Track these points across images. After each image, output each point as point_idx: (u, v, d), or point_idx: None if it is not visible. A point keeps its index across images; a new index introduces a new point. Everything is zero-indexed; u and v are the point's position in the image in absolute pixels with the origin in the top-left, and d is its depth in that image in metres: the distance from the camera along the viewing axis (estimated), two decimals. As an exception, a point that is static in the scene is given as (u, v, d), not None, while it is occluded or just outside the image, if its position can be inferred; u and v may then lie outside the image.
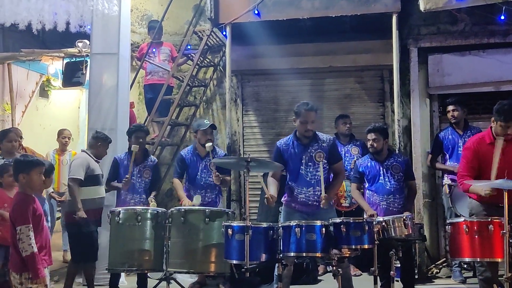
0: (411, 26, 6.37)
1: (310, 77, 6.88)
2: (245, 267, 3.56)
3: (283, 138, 4.49)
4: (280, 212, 4.62)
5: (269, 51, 6.62)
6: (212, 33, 6.52)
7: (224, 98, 6.72)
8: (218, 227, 4.15)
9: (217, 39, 6.77)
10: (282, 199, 4.44)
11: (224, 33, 6.30)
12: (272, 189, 4.24)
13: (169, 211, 4.51)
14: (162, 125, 6.60)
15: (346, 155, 5.87)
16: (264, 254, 3.69)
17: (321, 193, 4.16)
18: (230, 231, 3.72)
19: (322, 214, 4.13)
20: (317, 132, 4.36)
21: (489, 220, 3.65)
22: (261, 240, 3.68)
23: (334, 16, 5.89)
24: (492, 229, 3.59)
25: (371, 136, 4.93)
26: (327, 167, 4.33)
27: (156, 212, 4.49)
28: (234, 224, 3.78)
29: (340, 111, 6.44)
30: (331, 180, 4.41)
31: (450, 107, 5.64)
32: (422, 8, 5.58)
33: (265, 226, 3.77)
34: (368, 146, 5.00)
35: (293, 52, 6.54)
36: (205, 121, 5.28)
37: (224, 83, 6.60)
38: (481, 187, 3.90)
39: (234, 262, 3.82)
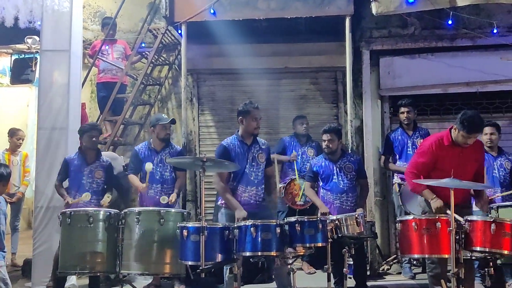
0: (363, 29, 6.51)
1: (266, 78, 6.92)
2: (201, 267, 3.56)
3: (227, 138, 4.60)
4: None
5: (226, 50, 6.61)
6: (167, 31, 6.46)
7: (179, 97, 6.66)
8: (173, 228, 4.10)
9: (172, 38, 6.70)
10: (219, 202, 4.50)
11: (179, 31, 6.25)
12: (233, 200, 4.33)
13: (122, 212, 4.42)
14: (115, 124, 6.47)
15: (303, 156, 5.96)
16: (219, 255, 3.72)
17: (260, 192, 4.44)
18: (185, 232, 3.71)
19: (262, 213, 4.28)
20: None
21: (437, 217, 3.78)
22: (216, 240, 3.70)
23: (289, 17, 5.96)
24: (440, 226, 3.71)
25: (326, 136, 5.03)
26: (264, 168, 4.53)
27: (109, 213, 4.40)
28: (190, 225, 3.78)
29: (295, 112, 6.51)
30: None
31: (405, 109, 5.79)
32: (374, 11, 5.71)
33: (221, 226, 3.79)
34: (324, 146, 5.09)
35: (249, 52, 6.56)
36: (163, 115, 5.25)
37: (180, 82, 6.55)
38: (435, 201, 4.06)
39: (190, 263, 3.81)
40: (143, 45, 6.85)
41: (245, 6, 5.97)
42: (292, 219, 3.84)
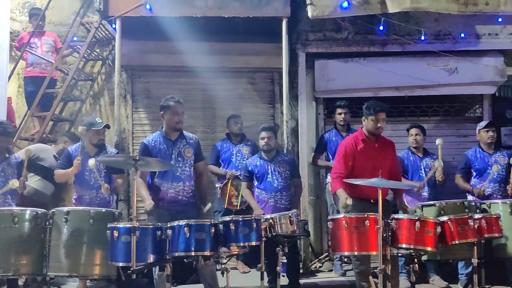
0: (299, 32, 6.62)
1: (203, 76, 6.85)
2: (132, 268, 3.48)
3: (150, 135, 4.57)
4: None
5: (162, 47, 6.52)
6: (100, 25, 6.26)
7: (112, 93, 6.47)
8: (104, 228, 3.97)
9: (106, 32, 6.51)
10: None
11: (113, 26, 6.08)
12: (145, 193, 4.27)
13: (50, 211, 4.27)
14: (44, 120, 6.20)
15: (238, 154, 5.97)
16: (151, 255, 3.65)
17: (188, 188, 4.40)
18: (115, 233, 3.62)
19: (190, 211, 4.29)
20: (182, 130, 4.56)
21: (365, 216, 3.90)
22: (148, 241, 3.63)
23: (227, 16, 5.96)
24: (368, 224, 3.82)
25: (266, 134, 5.10)
26: (193, 164, 4.50)
27: (35, 213, 4.22)
28: (120, 226, 3.69)
29: (232, 111, 6.49)
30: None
31: (342, 110, 5.95)
32: (309, 15, 5.82)
33: (153, 226, 3.73)
34: (263, 144, 5.15)
35: (186, 50, 6.47)
36: (97, 119, 5.05)
37: (113, 77, 6.36)
38: (344, 197, 4.18)
39: (120, 264, 3.71)
40: (75, 39, 6.59)
41: (182, 3, 5.91)
42: (227, 218, 3.84)
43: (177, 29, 6.16)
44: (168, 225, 3.72)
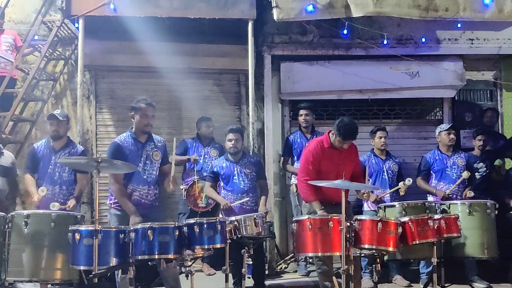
0: (265, 34, 6.65)
1: (168, 77, 6.79)
2: (94, 272, 3.42)
3: (120, 135, 4.50)
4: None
5: (126, 47, 6.43)
6: (63, 24, 6.12)
7: (75, 93, 6.33)
8: (65, 231, 3.89)
9: (69, 31, 6.37)
10: (108, 202, 4.40)
11: (76, 25, 5.96)
12: (131, 205, 4.23)
13: (9, 215, 4.15)
14: (3, 120, 6.02)
15: (206, 156, 5.95)
16: (114, 258, 3.60)
17: (152, 192, 4.37)
18: (77, 236, 3.56)
19: (154, 214, 4.26)
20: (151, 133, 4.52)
21: (329, 217, 3.95)
22: (111, 244, 3.58)
23: (192, 17, 5.93)
24: (332, 225, 3.87)
25: (233, 136, 5.11)
26: (159, 167, 4.48)
27: (-7, 216, 4.10)
28: (82, 228, 3.63)
29: (198, 113, 6.46)
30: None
31: (303, 112, 6.02)
32: (275, 17, 5.86)
33: (116, 229, 3.68)
34: (230, 146, 5.15)
35: (151, 50, 6.41)
36: (56, 110, 4.99)
37: (76, 78, 6.23)
38: (318, 207, 4.30)
39: (82, 268, 3.65)
40: (36, 37, 6.42)
41: (147, 3, 5.84)
42: (191, 220, 3.83)
43: (142, 29, 6.09)
44: (131, 228, 3.67)
